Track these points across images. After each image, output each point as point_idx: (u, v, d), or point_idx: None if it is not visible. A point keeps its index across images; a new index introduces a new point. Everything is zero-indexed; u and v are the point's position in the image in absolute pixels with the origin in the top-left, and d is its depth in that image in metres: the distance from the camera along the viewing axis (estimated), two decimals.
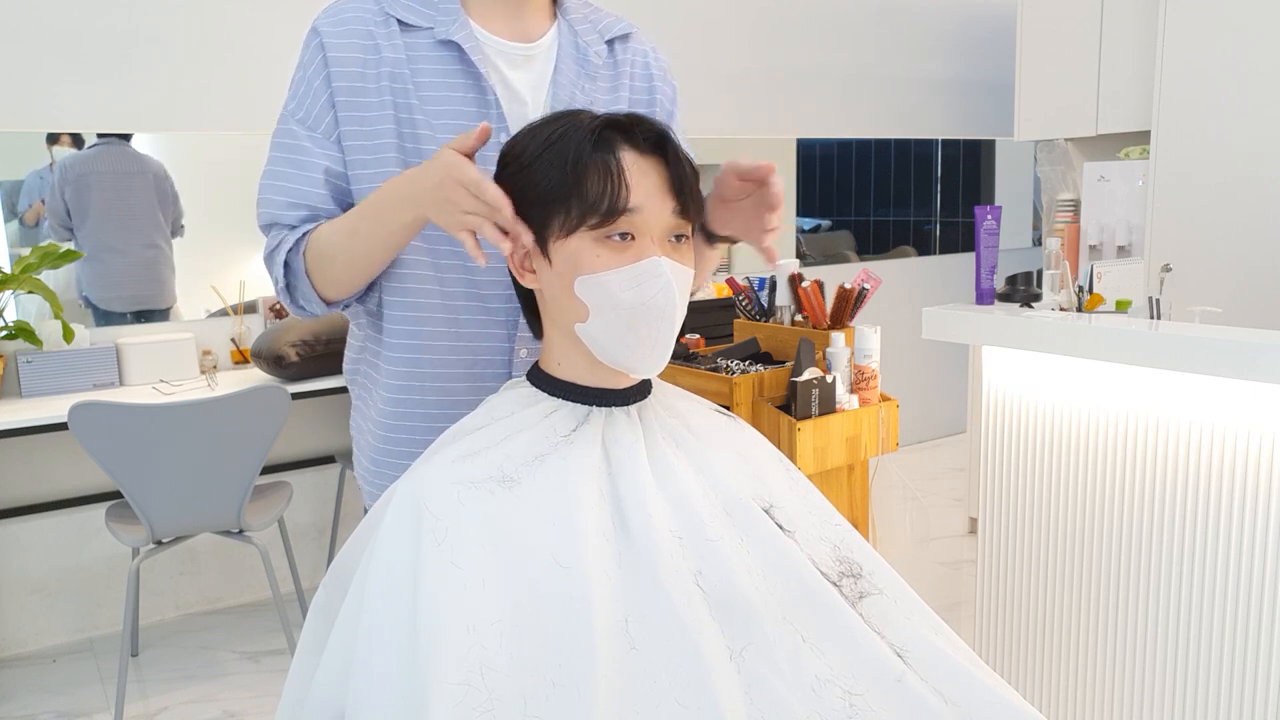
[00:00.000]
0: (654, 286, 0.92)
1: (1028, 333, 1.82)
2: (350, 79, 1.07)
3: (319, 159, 1.07)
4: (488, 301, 1.11)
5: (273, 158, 1.10)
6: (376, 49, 1.07)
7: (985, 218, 1.93)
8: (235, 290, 3.09)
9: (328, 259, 1.06)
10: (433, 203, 0.94)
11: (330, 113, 1.07)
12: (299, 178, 1.07)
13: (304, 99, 1.08)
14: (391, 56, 1.07)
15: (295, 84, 1.10)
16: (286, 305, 1.12)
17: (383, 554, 0.87)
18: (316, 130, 1.08)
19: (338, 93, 1.07)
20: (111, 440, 2.22)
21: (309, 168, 1.07)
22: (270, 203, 1.09)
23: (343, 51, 1.07)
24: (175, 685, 2.62)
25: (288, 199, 1.08)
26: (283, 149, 1.09)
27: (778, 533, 0.96)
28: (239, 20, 2.98)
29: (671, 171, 0.94)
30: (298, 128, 1.08)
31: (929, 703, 0.89)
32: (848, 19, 4.21)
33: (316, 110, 1.08)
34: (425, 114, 1.07)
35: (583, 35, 1.17)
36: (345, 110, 1.07)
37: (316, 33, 1.08)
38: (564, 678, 0.81)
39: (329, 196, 1.08)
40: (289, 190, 1.08)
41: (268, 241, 1.10)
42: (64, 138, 2.84)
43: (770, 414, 2.00)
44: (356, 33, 1.08)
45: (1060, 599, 1.90)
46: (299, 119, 1.08)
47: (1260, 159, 2.77)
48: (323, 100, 1.07)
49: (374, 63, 1.07)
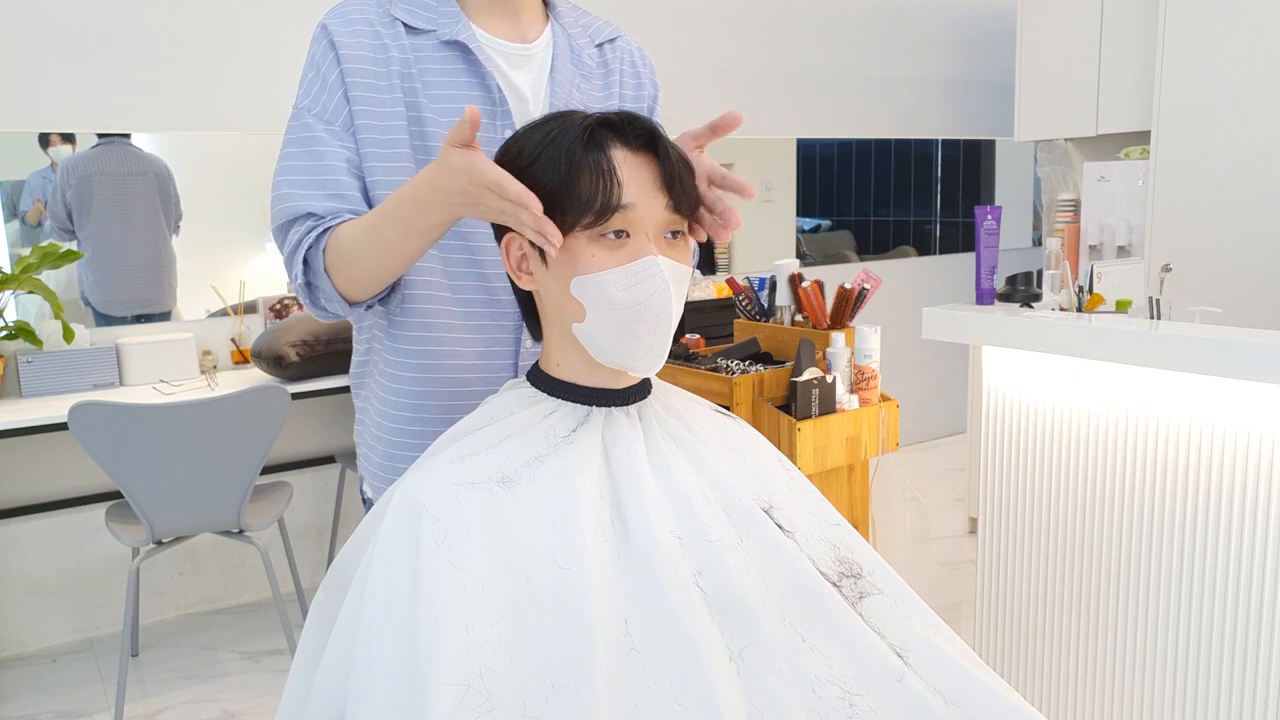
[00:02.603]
0: (650, 286, 0.92)
1: (1028, 333, 1.82)
2: (363, 75, 1.07)
3: (339, 149, 1.06)
4: (495, 293, 1.12)
5: (288, 153, 1.08)
6: (384, 48, 1.08)
7: (985, 218, 1.93)
8: (235, 290, 3.09)
9: (350, 260, 1.03)
10: (464, 205, 0.93)
11: (346, 107, 1.07)
12: (322, 168, 1.06)
13: (319, 94, 1.08)
14: (399, 56, 1.08)
15: (308, 80, 1.09)
16: (307, 306, 1.09)
17: (382, 554, 0.87)
18: (335, 124, 1.07)
19: (352, 87, 1.06)
20: (111, 440, 2.22)
21: (331, 158, 1.06)
22: (291, 196, 1.05)
23: (354, 49, 1.07)
24: (175, 685, 2.62)
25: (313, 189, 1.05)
26: (299, 143, 1.07)
27: (778, 533, 0.96)
28: (240, 20, 2.97)
29: (663, 167, 0.93)
30: (314, 121, 1.07)
31: (929, 703, 0.89)
32: (848, 19, 4.21)
33: (333, 105, 1.07)
34: (434, 113, 1.08)
35: (575, 38, 1.19)
36: (360, 105, 1.07)
37: (326, 30, 1.08)
38: (563, 679, 0.81)
39: (357, 185, 1.07)
40: (313, 181, 1.06)
41: (287, 241, 1.06)
42: (54, 137, 2.83)
43: (770, 414, 2.00)
44: (364, 32, 1.08)
45: (1060, 599, 1.90)
46: (315, 113, 1.07)
47: (1260, 159, 2.77)
48: (339, 95, 1.07)
49: (383, 60, 1.07)
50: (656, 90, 1.28)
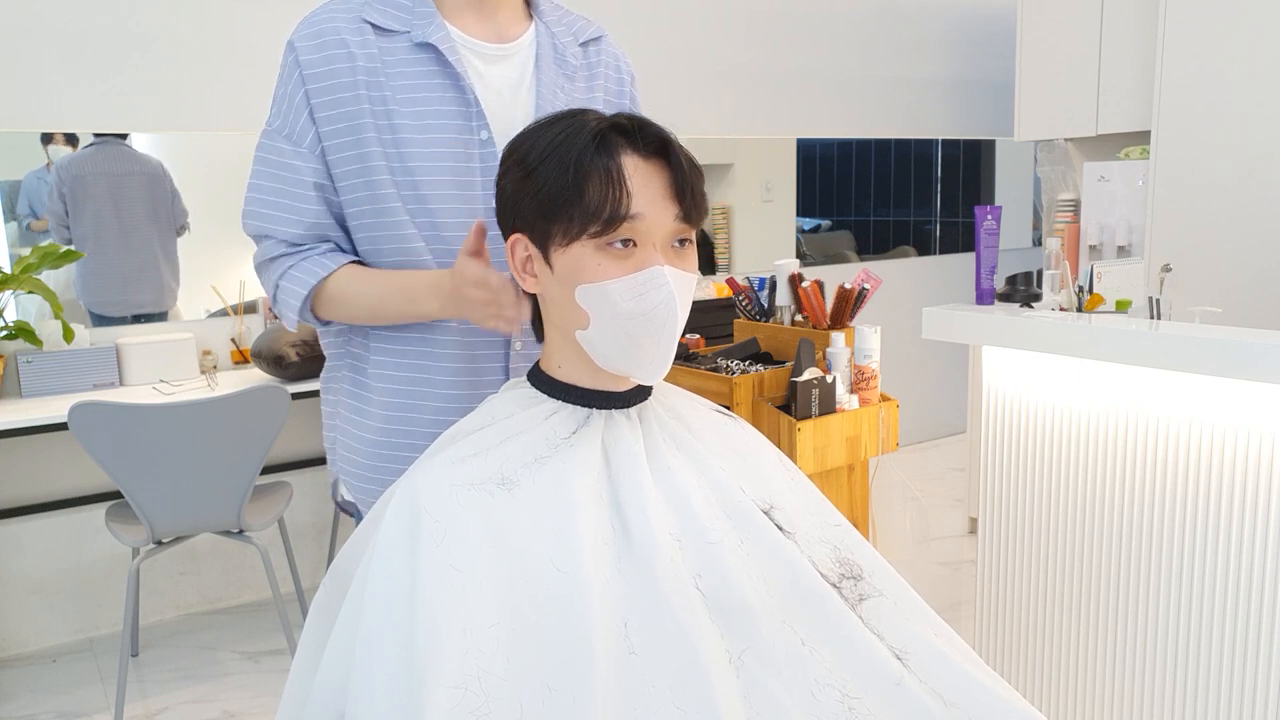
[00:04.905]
0: (656, 297, 0.91)
1: (1028, 333, 1.82)
2: (327, 91, 1.08)
3: (307, 174, 1.09)
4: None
5: (258, 171, 1.12)
6: (351, 58, 1.08)
7: (985, 218, 1.93)
8: (235, 290, 3.09)
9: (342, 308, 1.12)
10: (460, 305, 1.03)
11: (312, 128, 1.09)
12: (290, 194, 1.10)
13: (286, 114, 1.10)
14: (366, 64, 1.08)
15: (277, 99, 1.12)
16: (276, 312, 1.17)
17: (382, 555, 0.87)
18: (301, 145, 1.09)
19: (317, 108, 1.08)
20: (111, 440, 2.22)
21: (299, 184, 1.09)
22: (260, 215, 1.12)
23: (318, 66, 1.08)
24: (175, 685, 2.62)
25: (282, 213, 1.10)
26: (269, 164, 1.11)
27: (778, 535, 0.95)
28: (240, 20, 2.97)
29: (674, 176, 0.93)
30: (284, 144, 1.10)
31: (928, 705, 0.89)
32: (848, 19, 4.21)
33: (300, 125, 1.09)
34: (405, 115, 1.08)
35: (559, 36, 1.19)
36: (325, 124, 1.09)
37: (292, 48, 1.10)
38: (561, 682, 0.80)
39: (324, 211, 1.11)
40: (282, 205, 1.10)
41: (259, 250, 1.15)
42: (58, 137, 2.83)
43: (770, 414, 2.00)
44: (330, 43, 1.08)
45: (1060, 599, 1.90)
46: (285, 135, 1.10)
47: (1260, 159, 2.77)
48: (304, 116, 1.09)
49: (350, 71, 1.08)
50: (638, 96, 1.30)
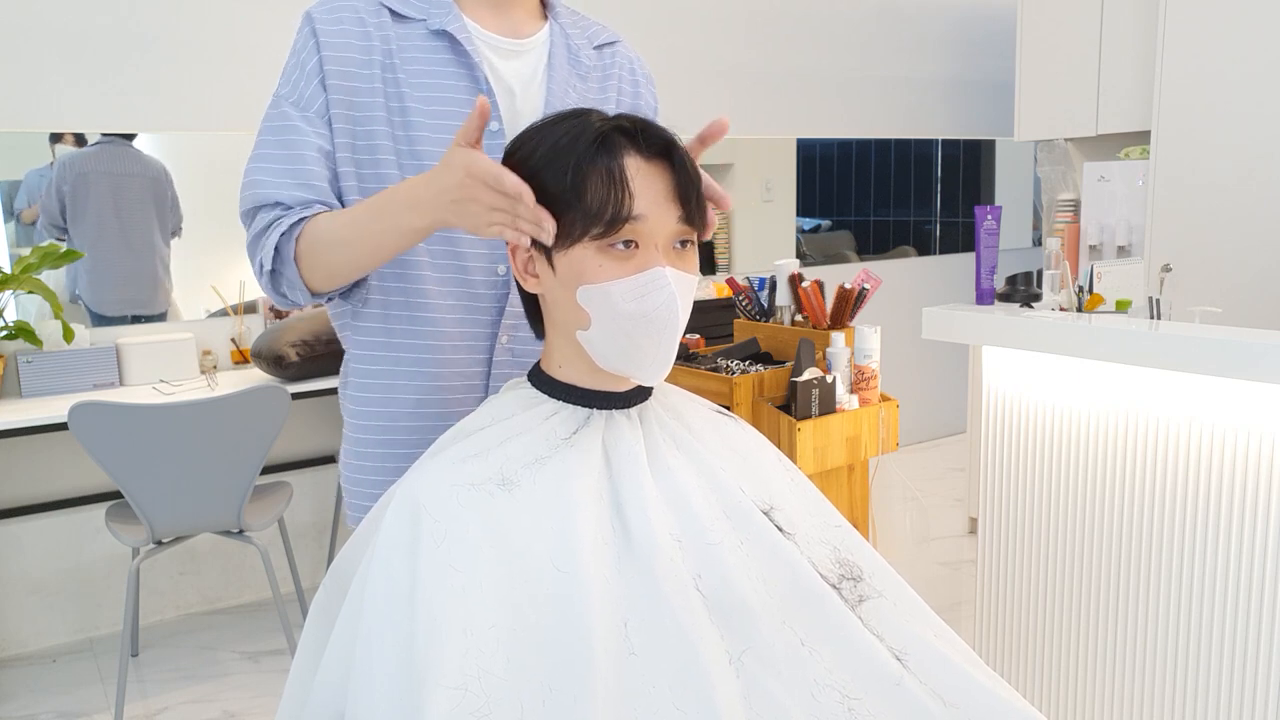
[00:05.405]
0: (658, 298, 0.91)
1: (1028, 333, 1.82)
2: (343, 64, 1.07)
3: (313, 138, 1.07)
4: (473, 286, 1.11)
5: (263, 140, 1.08)
6: (368, 36, 1.08)
7: (985, 218, 1.93)
8: (235, 290, 3.09)
9: (323, 251, 1.03)
10: (454, 203, 0.92)
11: (322, 95, 1.07)
12: (294, 157, 1.06)
13: (297, 82, 1.09)
14: (381, 45, 1.08)
15: (288, 69, 1.10)
16: (267, 292, 1.09)
17: (382, 555, 0.87)
18: (309, 111, 1.07)
19: (329, 76, 1.07)
20: (111, 440, 2.22)
21: (304, 146, 1.06)
22: (261, 184, 1.06)
23: (336, 38, 1.07)
24: (175, 685, 2.62)
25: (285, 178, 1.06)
26: (275, 131, 1.08)
27: (778, 536, 0.95)
28: (240, 20, 2.97)
29: (678, 178, 0.93)
30: (290, 109, 1.08)
31: (927, 706, 0.89)
32: (848, 19, 4.21)
33: (309, 92, 1.08)
34: (417, 101, 1.08)
35: (573, 38, 1.19)
36: (336, 94, 1.07)
37: (310, 18, 1.09)
38: (561, 683, 0.80)
39: (327, 175, 1.07)
40: (284, 170, 1.06)
41: (253, 225, 1.07)
42: (67, 136, 2.83)
43: (770, 414, 2.00)
44: (349, 20, 1.08)
45: (1060, 599, 1.90)
46: (292, 101, 1.08)
47: (1260, 159, 2.77)
48: (315, 83, 1.07)
49: (365, 50, 1.08)
50: (657, 104, 1.27)
